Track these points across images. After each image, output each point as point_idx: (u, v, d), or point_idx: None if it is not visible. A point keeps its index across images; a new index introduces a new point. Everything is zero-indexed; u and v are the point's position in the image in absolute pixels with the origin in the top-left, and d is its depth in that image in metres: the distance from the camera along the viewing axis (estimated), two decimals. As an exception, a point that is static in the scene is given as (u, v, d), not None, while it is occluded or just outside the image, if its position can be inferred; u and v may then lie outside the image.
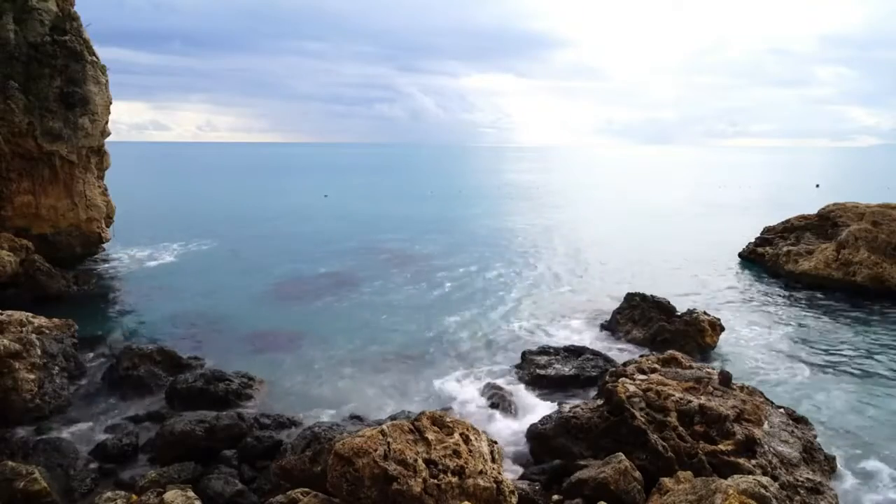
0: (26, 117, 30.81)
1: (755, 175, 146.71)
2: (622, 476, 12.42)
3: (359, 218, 59.85)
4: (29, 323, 19.12)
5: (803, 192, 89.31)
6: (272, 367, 20.76)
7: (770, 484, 10.92)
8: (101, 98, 33.61)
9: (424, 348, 22.96)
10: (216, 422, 15.41)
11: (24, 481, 12.36)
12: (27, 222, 32.37)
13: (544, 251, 42.67)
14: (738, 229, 48.06)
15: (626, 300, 25.53)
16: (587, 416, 15.00)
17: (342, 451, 10.83)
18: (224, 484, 13.32)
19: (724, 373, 16.40)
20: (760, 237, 39.58)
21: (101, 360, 20.93)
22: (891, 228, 31.46)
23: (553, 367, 19.88)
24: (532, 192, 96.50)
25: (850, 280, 30.88)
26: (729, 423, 13.86)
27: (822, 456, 14.52)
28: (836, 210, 36.14)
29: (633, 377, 15.95)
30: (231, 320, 26.06)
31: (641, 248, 43.73)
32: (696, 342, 22.39)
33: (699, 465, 13.01)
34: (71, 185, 33.42)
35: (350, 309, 28.06)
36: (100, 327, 24.82)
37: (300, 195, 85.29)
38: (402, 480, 10.44)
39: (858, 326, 25.66)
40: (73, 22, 33.17)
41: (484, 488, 10.91)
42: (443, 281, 33.67)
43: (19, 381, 16.59)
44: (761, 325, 26.00)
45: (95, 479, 13.97)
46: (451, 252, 41.70)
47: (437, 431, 11.62)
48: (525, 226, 55.52)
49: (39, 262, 29.07)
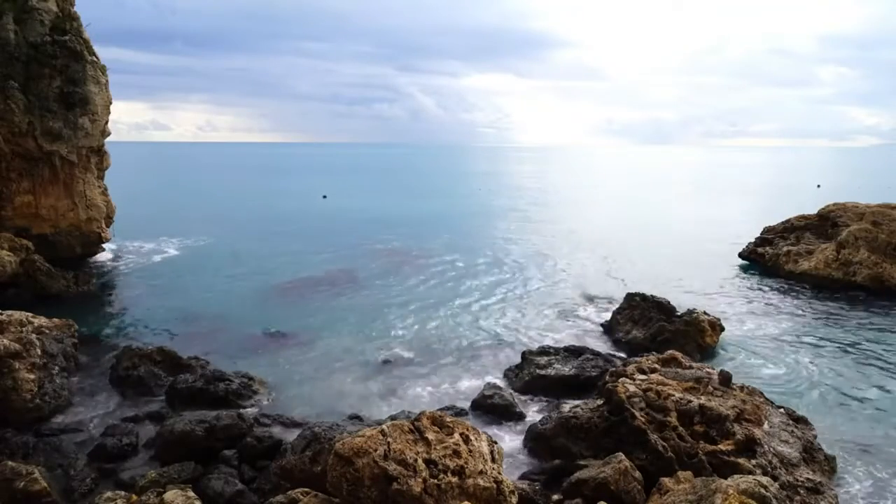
0: (26, 117, 30.82)
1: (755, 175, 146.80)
2: (622, 476, 12.42)
3: (358, 218, 59.87)
4: (29, 323, 19.12)
5: (803, 192, 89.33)
6: (272, 367, 20.77)
7: (770, 484, 10.92)
8: (101, 98, 33.62)
9: (424, 348, 22.96)
10: (216, 422, 15.40)
11: (24, 481, 12.36)
12: (27, 222, 32.38)
13: (544, 251, 42.68)
14: (738, 229, 48.07)
15: (626, 300, 25.52)
16: (587, 416, 15.00)
17: (342, 451, 10.83)
18: (224, 484, 13.33)
19: (724, 373, 16.40)
20: (760, 237, 39.57)
21: (101, 361, 20.93)
22: (891, 228, 31.47)
23: (553, 367, 19.87)
24: (532, 192, 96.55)
25: (850, 280, 30.88)
26: (729, 423, 13.86)
27: (822, 456, 14.52)
28: (836, 210, 36.14)
29: (633, 377, 15.95)
30: (231, 320, 26.07)
31: (641, 248, 43.74)
32: (696, 342, 22.39)
33: (699, 465, 13.01)
34: (71, 185, 33.43)
35: (349, 309, 28.06)
36: (100, 327, 24.83)
37: (300, 196, 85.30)
38: (402, 480, 10.44)
39: (858, 326, 25.66)
40: (73, 22, 33.19)
41: (484, 488, 10.90)
42: (442, 281, 33.68)
43: (19, 381, 16.59)
44: (761, 325, 26.00)
45: (95, 479, 13.98)
46: (450, 252, 41.70)
47: (437, 431, 11.62)
48: (525, 226, 55.54)
49: (39, 262, 29.07)
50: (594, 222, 59.11)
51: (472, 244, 45.20)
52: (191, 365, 20.41)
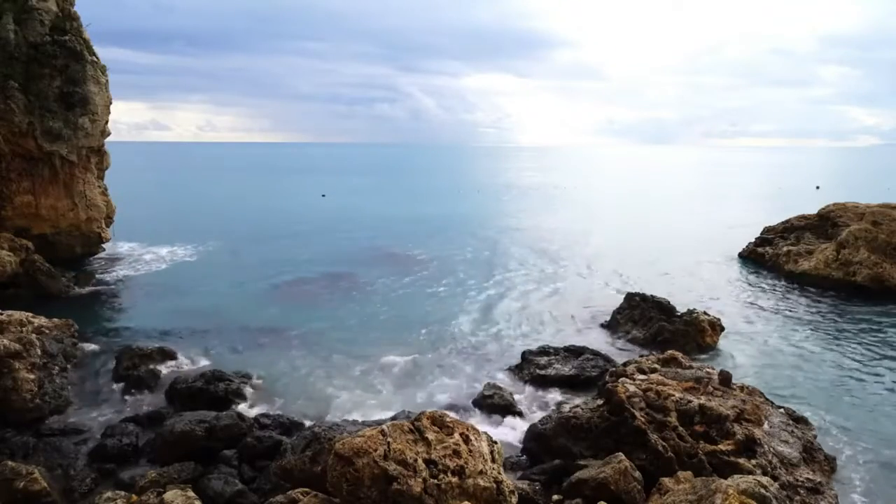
0: (26, 117, 30.81)
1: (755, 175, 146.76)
2: (622, 476, 12.42)
3: (358, 218, 59.87)
4: (29, 323, 19.14)
5: (803, 192, 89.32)
6: (272, 368, 20.77)
7: (770, 484, 10.92)
8: (101, 98, 33.61)
9: (424, 348, 22.95)
10: (216, 422, 15.41)
11: (24, 481, 12.36)
12: (27, 222, 32.39)
13: (544, 251, 42.66)
14: (738, 229, 48.07)
15: (626, 300, 25.53)
16: (587, 416, 14.99)
17: (342, 451, 10.82)
18: (224, 484, 13.32)
19: (724, 373, 16.41)
20: (760, 237, 39.59)
21: (101, 361, 20.93)
22: (891, 228, 31.47)
23: (553, 367, 19.89)
24: (532, 192, 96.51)
25: (850, 280, 30.88)
26: (729, 423, 13.86)
27: (822, 456, 14.53)
28: (836, 210, 36.16)
29: (633, 377, 15.95)
30: (231, 320, 26.06)
31: (642, 247, 43.73)
32: (696, 342, 22.40)
33: (699, 465, 13.01)
34: (71, 185, 33.42)
35: (350, 309, 28.06)
36: (100, 327, 24.82)
37: (299, 195, 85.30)
38: (402, 480, 10.44)
39: (858, 326, 25.65)
40: (73, 22, 33.18)
41: (484, 488, 10.90)
42: (442, 281, 33.66)
43: (19, 381, 16.59)
44: (761, 324, 26.00)
45: (95, 479, 13.98)
46: (450, 252, 41.70)
47: (437, 431, 11.61)
48: (525, 226, 55.52)
49: (39, 262, 29.07)
50: (594, 222, 59.08)
51: (472, 244, 45.19)
52: (191, 365, 20.43)
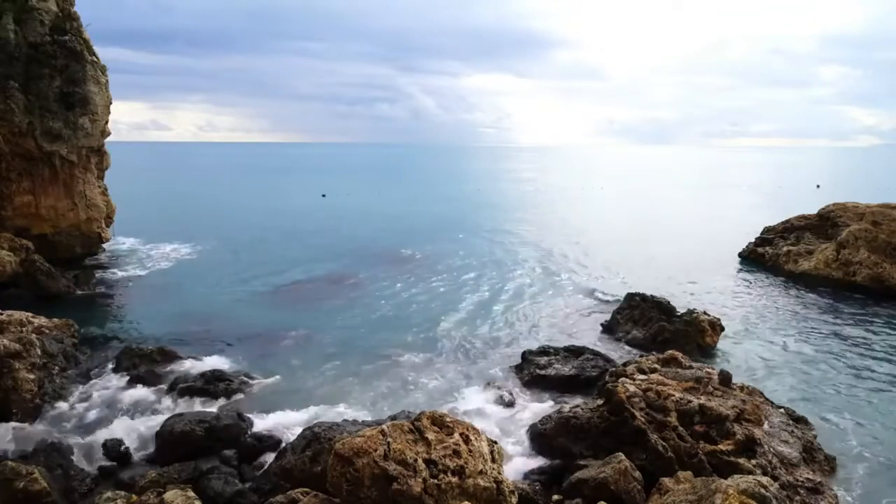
0: (26, 117, 30.80)
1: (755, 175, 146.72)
2: (622, 476, 12.42)
3: (358, 218, 59.89)
4: (29, 323, 19.13)
5: (803, 192, 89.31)
6: (272, 367, 20.75)
7: (770, 484, 10.93)
8: (101, 98, 33.61)
9: (425, 348, 22.95)
10: (216, 422, 15.41)
11: (24, 481, 12.36)
12: (27, 222, 32.38)
13: (544, 251, 42.66)
14: (738, 229, 48.07)
15: (626, 300, 25.52)
16: (587, 416, 15.00)
17: (342, 451, 10.83)
18: (224, 484, 13.32)
19: (724, 373, 16.41)
20: (760, 237, 39.58)
21: (102, 361, 20.92)
22: (891, 228, 31.47)
23: (553, 367, 19.88)
24: (532, 192, 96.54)
25: (850, 280, 30.89)
26: (729, 423, 13.87)
27: (822, 456, 14.53)
28: (836, 210, 36.15)
29: (633, 377, 15.95)
30: (231, 320, 26.07)
31: (642, 248, 43.74)
32: (696, 342, 22.39)
33: (699, 465, 13.02)
34: (71, 185, 33.41)
35: (349, 309, 28.05)
36: (100, 327, 24.81)
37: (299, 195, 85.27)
38: (402, 480, 10.44)
39: (858, 326, 25.65)
40: (73, 22, 33.16)
41: (484, 488, 10.90)
42: (442, 281, 33.67)
43: (19, 381, 16.59)
44: (761, 324, 26.00)
45: (95, 479, 13.98)
46: (450, 251, 41.69)
47: (437, 431, 11.62)
48: (524, 226, 55.51)
49: (39, 262, 29.06)
50: (595, 222, 59.10)
51: (472, 244, 45.19)
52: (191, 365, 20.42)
